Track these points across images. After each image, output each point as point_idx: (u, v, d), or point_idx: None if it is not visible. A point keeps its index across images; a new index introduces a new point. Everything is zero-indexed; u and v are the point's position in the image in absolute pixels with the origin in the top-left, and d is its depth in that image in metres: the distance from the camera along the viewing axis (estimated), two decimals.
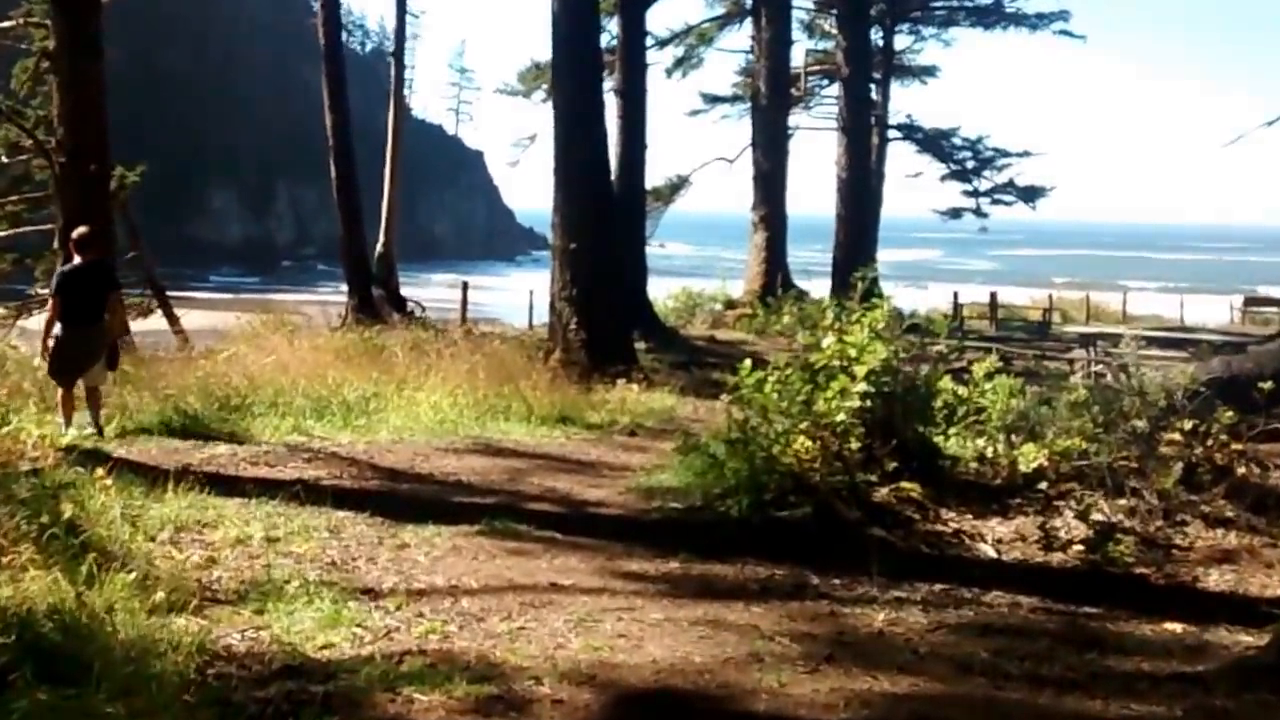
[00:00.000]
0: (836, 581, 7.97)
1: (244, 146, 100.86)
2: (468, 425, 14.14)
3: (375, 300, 29.04)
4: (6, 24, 25.17)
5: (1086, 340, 26.85)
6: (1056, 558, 8.67)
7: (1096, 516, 8.90)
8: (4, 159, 26.33)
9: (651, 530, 9.21)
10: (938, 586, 7.89)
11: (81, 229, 13.36)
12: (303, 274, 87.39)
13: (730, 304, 35.26)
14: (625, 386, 18.46)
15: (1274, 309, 42.97)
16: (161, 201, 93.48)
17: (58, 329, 12.49)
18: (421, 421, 14.01)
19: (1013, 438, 10.61)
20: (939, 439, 10.54)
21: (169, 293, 31.55)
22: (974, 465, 10.84)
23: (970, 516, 9.52)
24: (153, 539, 8.35)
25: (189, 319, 33.35)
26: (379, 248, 30.68)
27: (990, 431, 11.15)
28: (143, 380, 15.12)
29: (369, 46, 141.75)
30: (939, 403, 10.60)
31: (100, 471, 9.20)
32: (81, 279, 12.65)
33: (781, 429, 9.58)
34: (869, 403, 9.59)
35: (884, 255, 44.68)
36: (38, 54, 24.32)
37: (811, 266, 41.55)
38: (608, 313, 20.65)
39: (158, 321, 29.84)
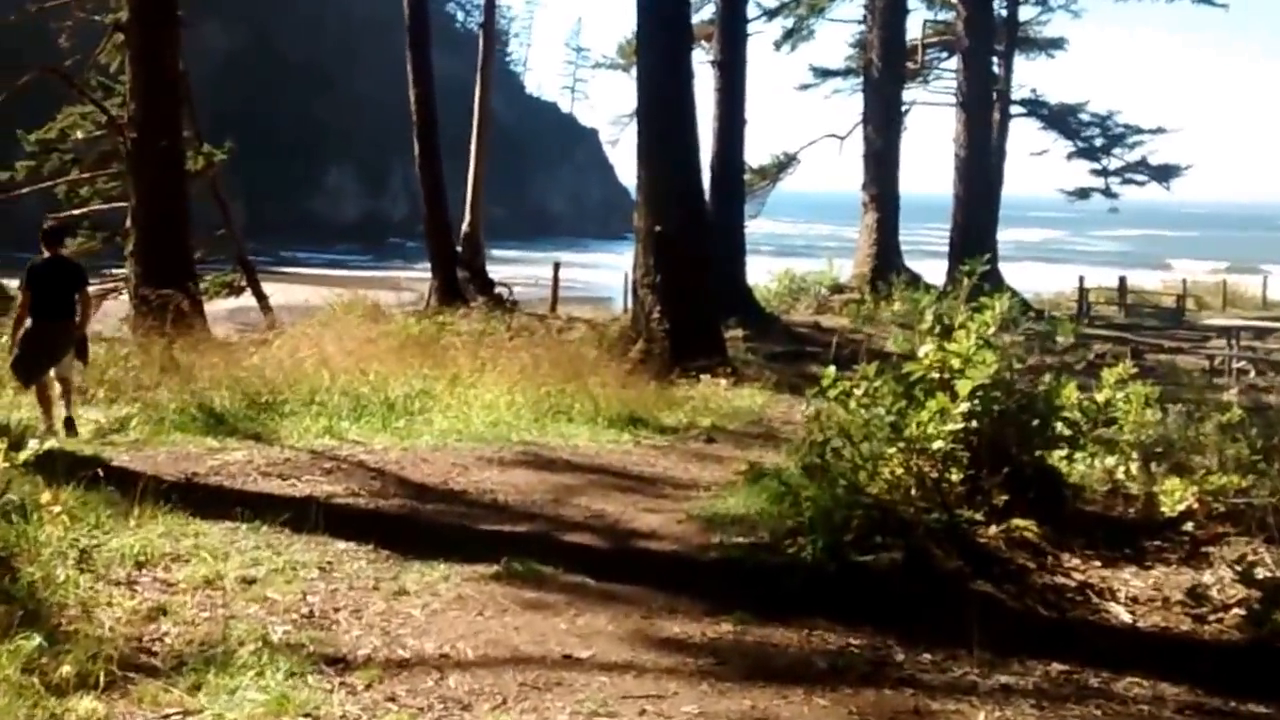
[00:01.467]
0: (927, 658, 6.30)
1: (360, 126, 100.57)
2: (523, 428, 12.63)
3: (459, 282, 27.70)
4: None
5: (1227, 333, 24.71)
6: (1209, 628, 6.93)
7: (1261, 573, 7.08)
8: (79, 134, 25.51)
9: (705, 575, 7.62)
10: (1056, 667, 6.19)
11: (49, 222, 12.95)
12: (410, 251, 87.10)
13: (837, 288, 33.26)
14: (711, 381, 16.93)
15: None
16: (281, 180, 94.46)
17: (27, 322, 11.93)
18: (471, 424, 12.53)
19: (1151, 465, 8.88)
20: (1061, 463, 8.83)
21: (280, 268, 30.99)
22: (1101, 490, 9.18)
23: (1098, 564, 7.83)
24: (103, 579, 6.97)
25: (289, 294, 32.64)
26: (464, 227, 29.36)
27: (1123, 449, 9.45)
28: (189, 370, 14.05)
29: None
30: (1063, 420, 8.83)
31: (57, 495, 7.89)
32: (50, 273, 12.11)
33: (868, 452, 7.97)
34: (975, 423, 7.92)
35: (1004, 235, 42.47)
36: (110, 26, 23.25)
37: (927, 248, 39.56)
38: (694, 300, 19.03)
39: (248, 299, 29.04)
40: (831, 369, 8.54)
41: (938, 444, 7.68)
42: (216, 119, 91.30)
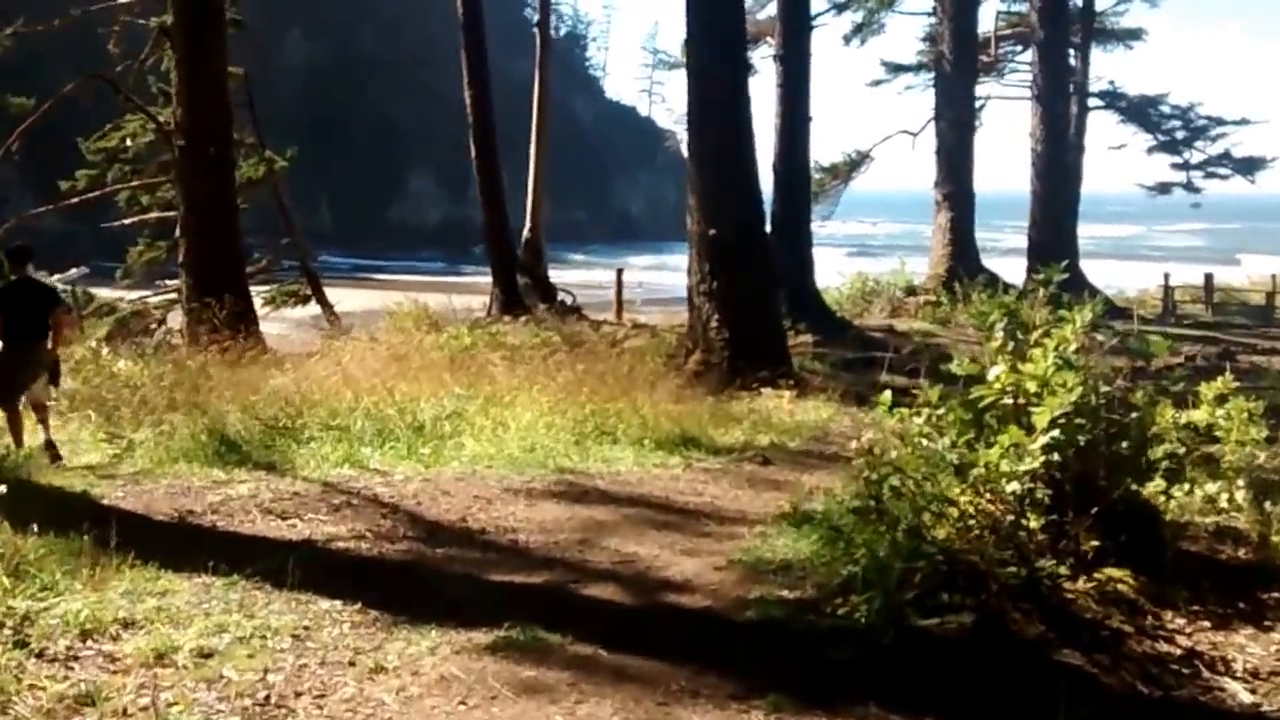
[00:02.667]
0: None
1: (440, 130, 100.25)
2: (561, 452, 11.43)
3: (521, 289, 26.62)
4: None
5: None
6: None
7: None
8: (128, 141, 24.81)
9: (740, 642, 6.36)
10: None
11: (17, 244, 12.45)
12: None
13: (911, 290, 31.68)
14: (773, 394, 15.68)
15: None
16: (364, 186, 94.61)
17: None
18: (505, 448, 11.34)
19: (1264, 501, 7.53)
20: (1158, 497, 7.47)
21: (359, 275, 30.69)
22: (1204, 523, 7.81)
23: (1208, 624, 6.49)
24: (37, 654, 5.87)
25: (362, 300, 31.90)
26: (525, 232, 28.22)
27: (1226, 475, 8.06)
28: (216, 388, 13.07)
29: (563, 30, 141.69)
30: (1160, 450, 7.46)
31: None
32: (20, 294, 11.52)
33: (931, 492, 6.71)
34: (1055, 456, 6.61)
35: (1083, 230, 40.64)
36: (157, 29, 22.45)
37: (1006, 247, 37.93)
38: (754, 307, 17.74)
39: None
40: (887, 395, 7.24)
41: (1012, 486, 6.38)
42: (300, 127, 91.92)
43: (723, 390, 15.75)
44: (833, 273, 32.51)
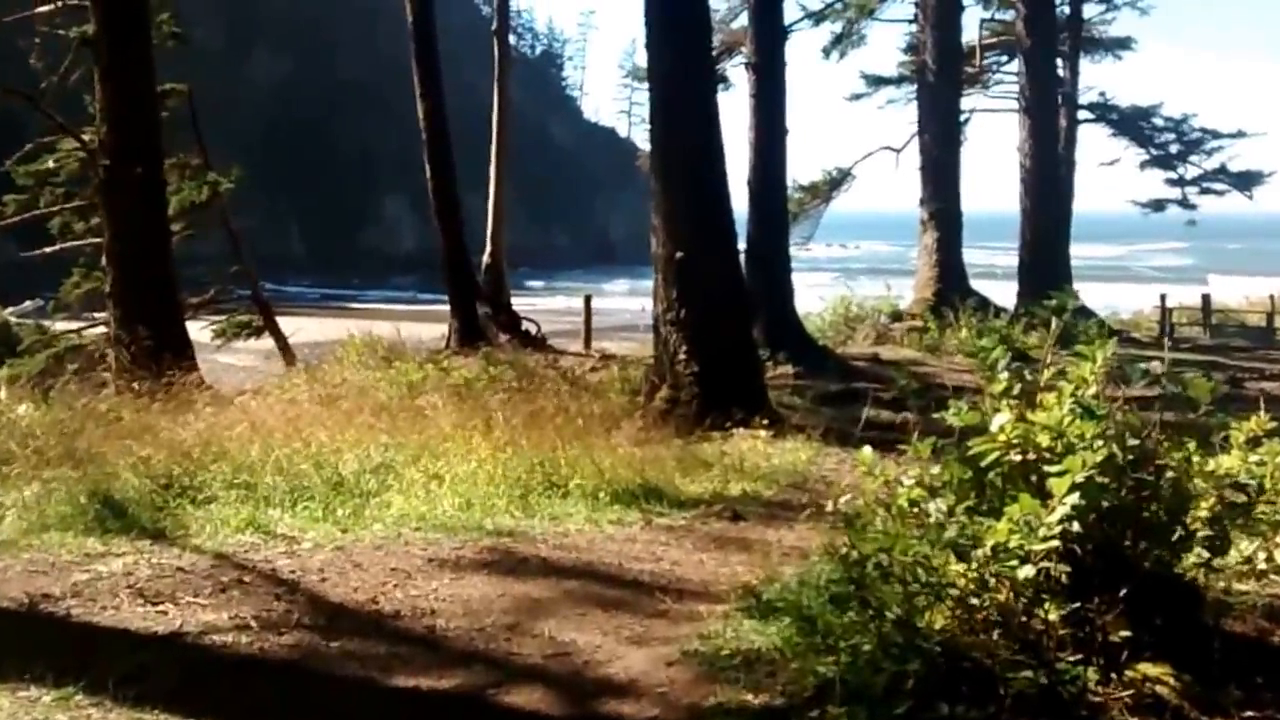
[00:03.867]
0: None
1: (414, 154, 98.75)
2: (503, 509, 10.20)
3: (482, 319, 25.43)
4: (45, 8, 22.20)
5: None
6: None
7: None
8: (53, 163, 23.69)
9: None
10: None
11: None
12: None
13: (898, 315, 30.32)
14: (748, 434, 14.48)
15: None
16: (336, 211, 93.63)
17: None
18: (437, 507, 10.11)
19: None
20: (1197, 570, 6.26)
21: (327, 304, 29.70)
22: (1247, 593, 6.63)
23: None
24: None
25: (325, 329, 30.86)
26: (485, 258, 27.02)
27: (1262, 531, 6.86)
28: (121, 435, 11.81)
29: (538, 49, 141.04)
30: (1199, 512, 6.22)
31: None
32: None
33: (926, 574, 5.53)
34: (1076, 526, 5.41)
35: (1075, 251, 39.56)
36: (76, 40, 21.32)
37: (995, 268, 36.84)
38: (727, 338, 16.41)
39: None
40: (868, 453, 6.06)
41: (1025, 570, 5.20)
42: (268, 150, 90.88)
43: (692, 430, 14.55)
44: (813, 298, 31.29)
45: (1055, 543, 5.18)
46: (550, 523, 9.98)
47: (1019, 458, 5.49)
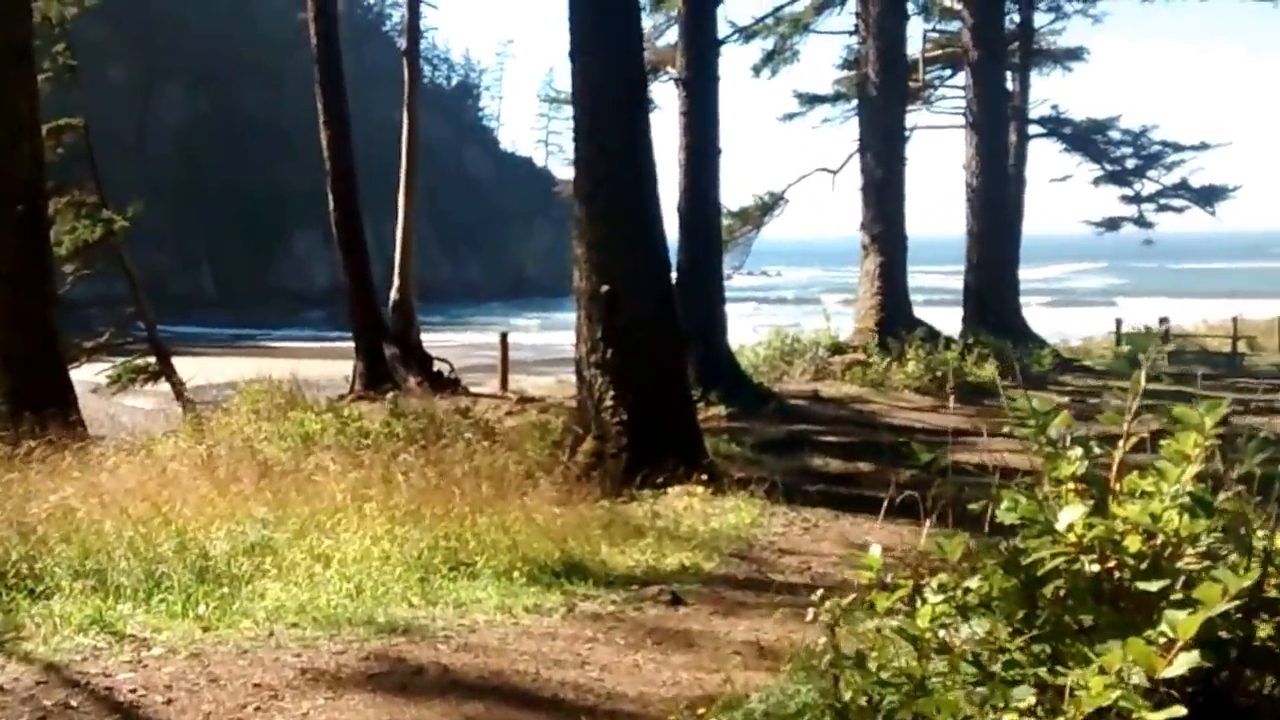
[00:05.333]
0: None
1: (326, 191, 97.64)
2: (400, 596, 8.73)
3: (388, 361, 23.87)
4: None
5: None
6: None
7: None
8: None
9: None
10: None
11: None
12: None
13: (838, 348, 28.68)
14: (683, 491, 13.06)
15: None
16: (247, 249, 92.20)
17: None
18: (321, 595, 8.61)
19: None
20: None
21: (237, 344, 28.62)
22: None
23: None
24: None
25: (232, 369, 29.45)
26: (393, 294, 25.42)
27: None
28: None
29: (454, 80, 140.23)
30: None
31: None
32: None
33: None
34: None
35: (1024, 274, 38.30)
36: None
37: (936, 296, 35.68)
38: (659, 382, 14.86)
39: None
40: (876, 554, 4.62)
41: None
42: (181, 187, 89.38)
43: (620, 487, 13.12)
44: (745, 330, 29.82)
45: (1179, 710, 3.71)
46: (455, 612, 8.54)
47: (1096, 568, 4.06)
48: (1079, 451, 4.29)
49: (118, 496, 10.29)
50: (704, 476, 13.25)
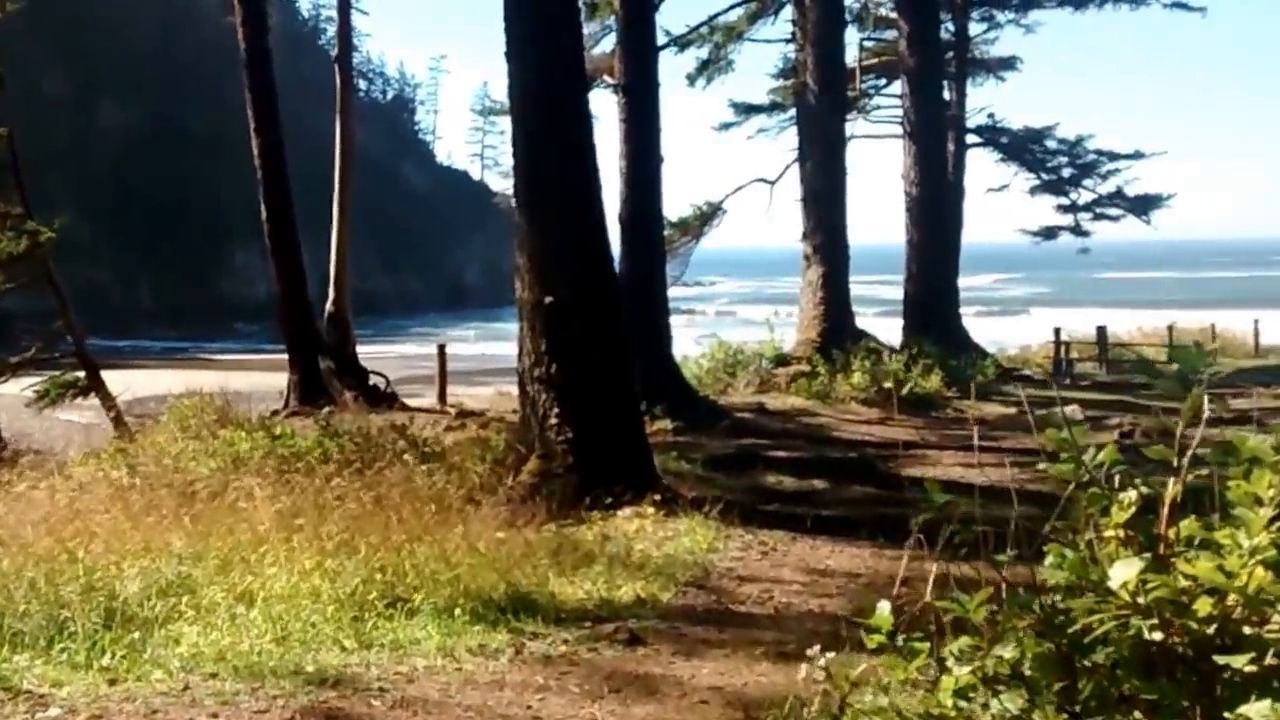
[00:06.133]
0: None
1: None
2: (330, 638, 7.89)
3: (324, 374, 22.90)
4: None
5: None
6: None
7: None
8: None
9: None
10: None
11: None
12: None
13: (782, 359, 27.86)
14: (633, 513, 12.30)
15: None
16: (186, 261, 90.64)
17: None
18: (244, 640, 7.76)
19: None
20: None
21: (173, 356, 27.76)
22: None
23: None
24: None
25: (168, 381, 28.59)
26: (328, 306, 24.45)
27: None
28: None
29: (390, 94, 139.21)
30: None
31: None
32: None
33: None
34: None
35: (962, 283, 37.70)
36: None
37: (875, 307, 35.05)
38: (606, 398, 13.89)
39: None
40: (885, 612, 3.85)
41: None
42: (119, 200, 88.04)
43: (567, 509, 12.25)
44: (685, 341, 28.95)
45: None
46: (392, 657, 7.73)
47: (1158, 635, 3.32)
48: (1133, 495, 3.55)
49: (19, 530, 9.38)
50: (656, 497, 12.45)
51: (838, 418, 22.15)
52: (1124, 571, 3.35)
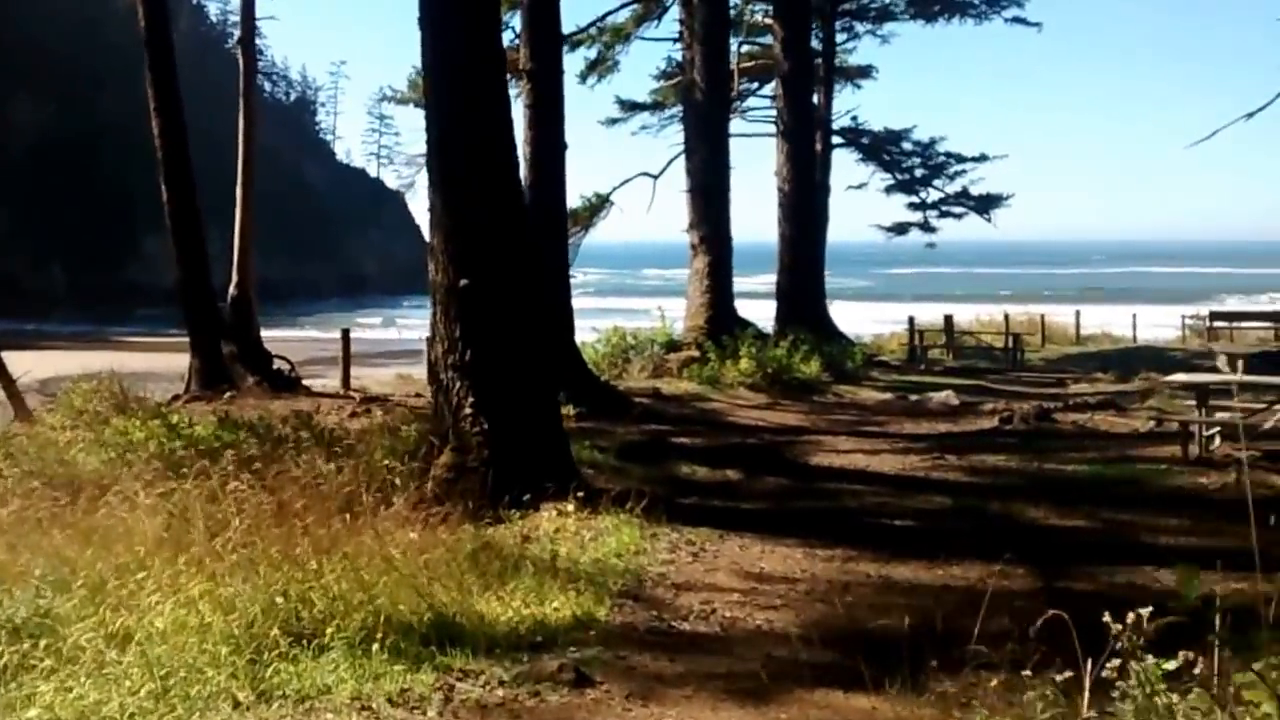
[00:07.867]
0: None
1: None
2: (222, 689, 5.76)
3: (226, 359, 20.39)
4: None
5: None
6: None
7: None
8: None
9: None
10: None
11: None
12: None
13: (673, 345, 25.87)
14: (554, 510, 10.23)
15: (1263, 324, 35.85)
16: (99, 250, 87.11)
17: None
18: (116, 693, 5.58)
19: None
20: None
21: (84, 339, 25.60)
22: None
23: None
24: None
25: (77, 362, 26.23)
26: (231, 289, 21.86)
27: None
28: None
29: (293, 95, 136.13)
30: None
31: None
32: None
33: None
34: None
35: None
36: None
37: (744, 299, 33.29)
38: (524, 387, 11.63)
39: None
40: None
41: None
42: (33, 191, 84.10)
43: (484, 507, 10.12)
44: (583, 328, 26.96)
45: None
46: (296, 712, 5.60)
47: None
48: None
49: None
50: (579, 494, 10.33)
51: (730, 403, 20.33)
52: None
